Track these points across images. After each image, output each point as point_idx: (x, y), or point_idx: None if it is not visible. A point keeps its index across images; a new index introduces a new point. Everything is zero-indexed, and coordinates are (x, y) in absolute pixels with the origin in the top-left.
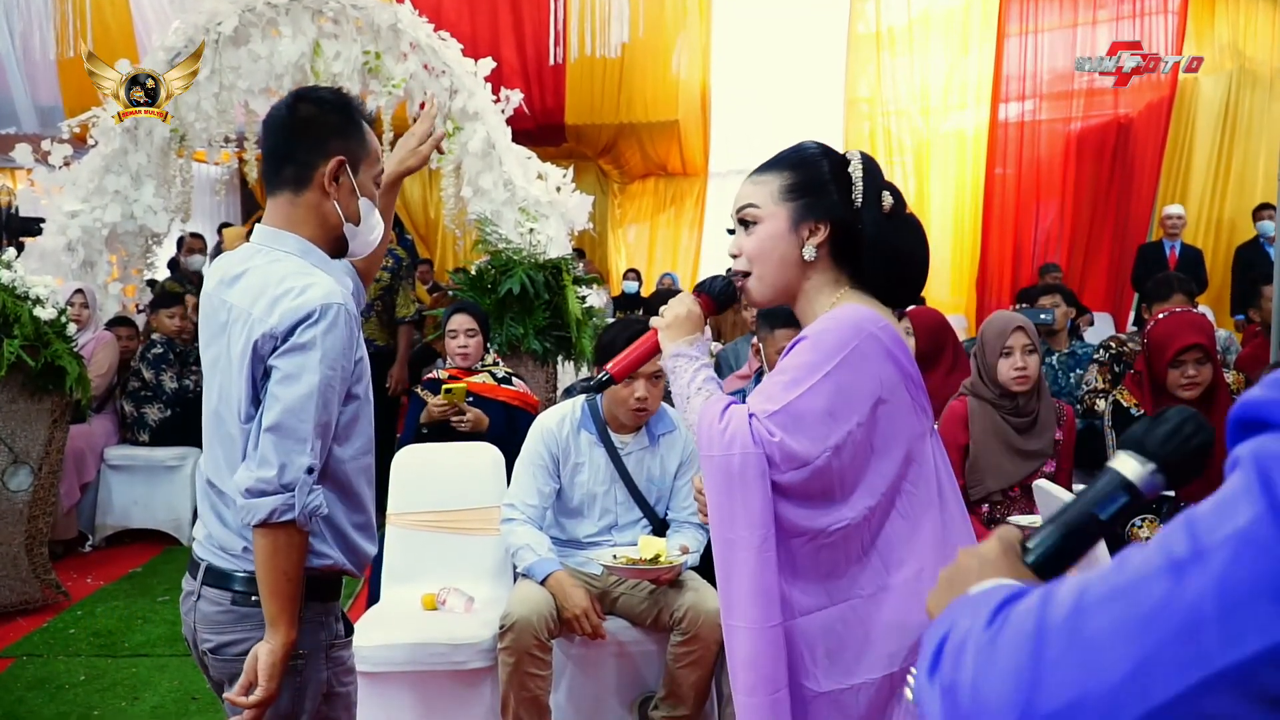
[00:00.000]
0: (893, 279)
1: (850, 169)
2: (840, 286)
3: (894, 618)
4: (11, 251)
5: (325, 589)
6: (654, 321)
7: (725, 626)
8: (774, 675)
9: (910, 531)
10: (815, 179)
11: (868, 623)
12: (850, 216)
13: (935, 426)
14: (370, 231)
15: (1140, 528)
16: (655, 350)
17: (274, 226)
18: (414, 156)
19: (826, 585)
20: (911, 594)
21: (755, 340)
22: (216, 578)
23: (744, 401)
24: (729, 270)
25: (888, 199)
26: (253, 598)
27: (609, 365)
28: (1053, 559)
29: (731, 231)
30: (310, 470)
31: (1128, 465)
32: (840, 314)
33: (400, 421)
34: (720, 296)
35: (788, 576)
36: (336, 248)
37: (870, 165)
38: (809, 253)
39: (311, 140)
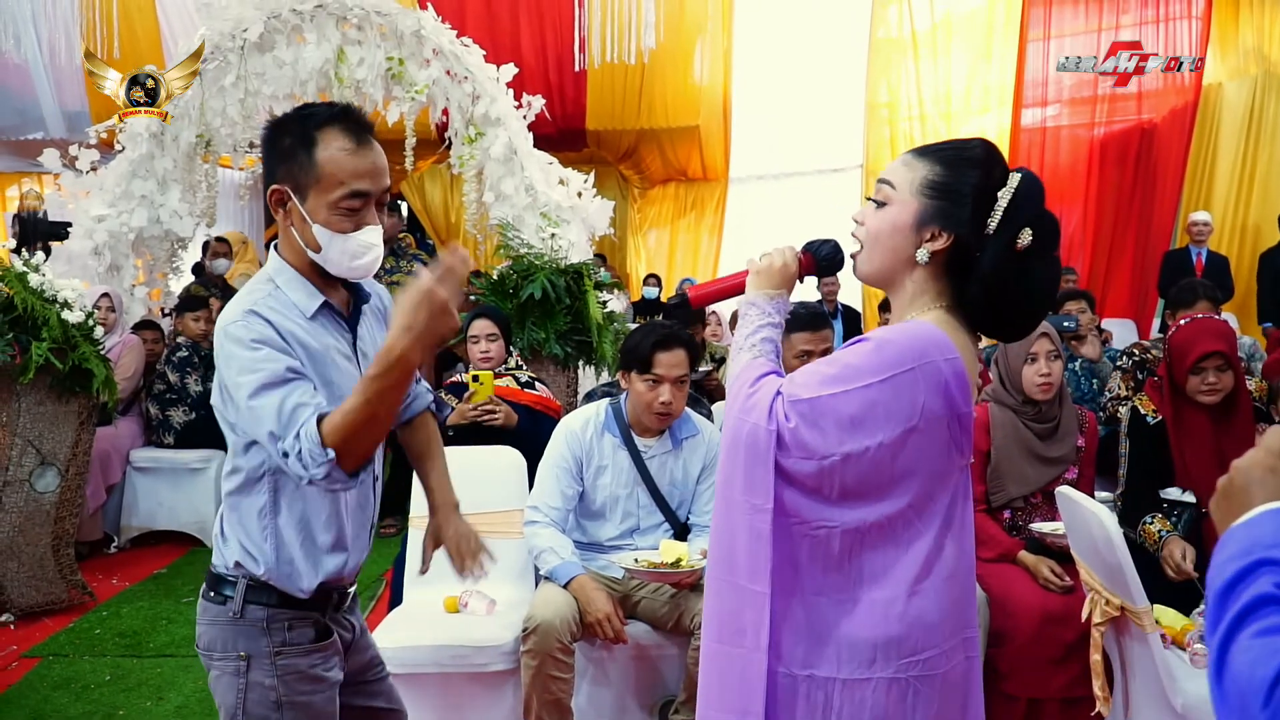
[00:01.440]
0: (992, 316)
1: (1000, 192)
2: (940, 300)
3: (855, 630)
4: (40, 255)
5: (271, 593)
6: (748, 262)
7: (711, 578)
8: (756, 634)
9: (897, 559)
10: (960, 185)
11: (821, 624)
12: (976, 239)
13: (970, 464)
14: (349, 258)
15: (1151, 524)
16: (739, 289)
17: (275, 247)
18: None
19: (805, 574)
20: (877, 615)
21: None
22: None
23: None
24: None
25: (1026, 237)
26: (210, 593)
27: (690, 288)
28: None
29: (869, 198)
30: (285, 454)
31: None
32: (916, 330)
33: None
34: (824, 260)
35: (777, 553)
36: (320, 271)
37: (1026, 194)
38: (922, 255)
39: (267, 166)
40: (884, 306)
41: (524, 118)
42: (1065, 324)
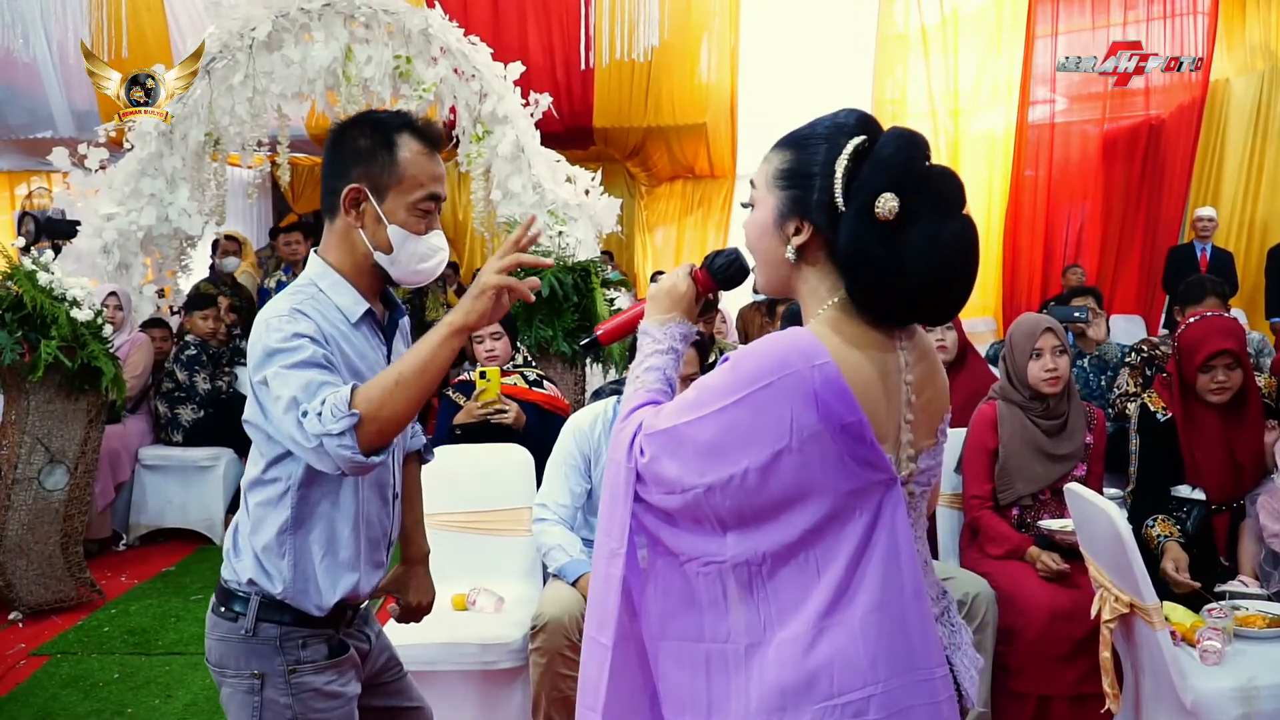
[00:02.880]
0: (887, 300)
1: (837, 160)
2: (834, 294)
3: (763, 676)
4: (49, 253)
5: (285, 611)
6: (648, 290)
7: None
8: (595, 691)
9: (806, 592)
10: (808, 167)
11: (717, 672)
12: (830, 221)
13: (900, 479)
14: (417, 260)
15: (1152, 527)
16: (639, 321)
17: (316, 251)
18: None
19: (692, 618)
20: (785, 655)
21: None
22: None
23: None
24: None
25: (886, 203)
26: (221, 608)
27: (599, 327)
28: None
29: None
30: (305, 414)
31: None
32: (777, 339)
33: (431, 424)
34: (719, 273)
35: (658, 597)
36: (376, 276)
37: (880, 156)
38: (789, 254)
39: (337, 167)
40: None
41: (531, 116)
42: (1075, 315)
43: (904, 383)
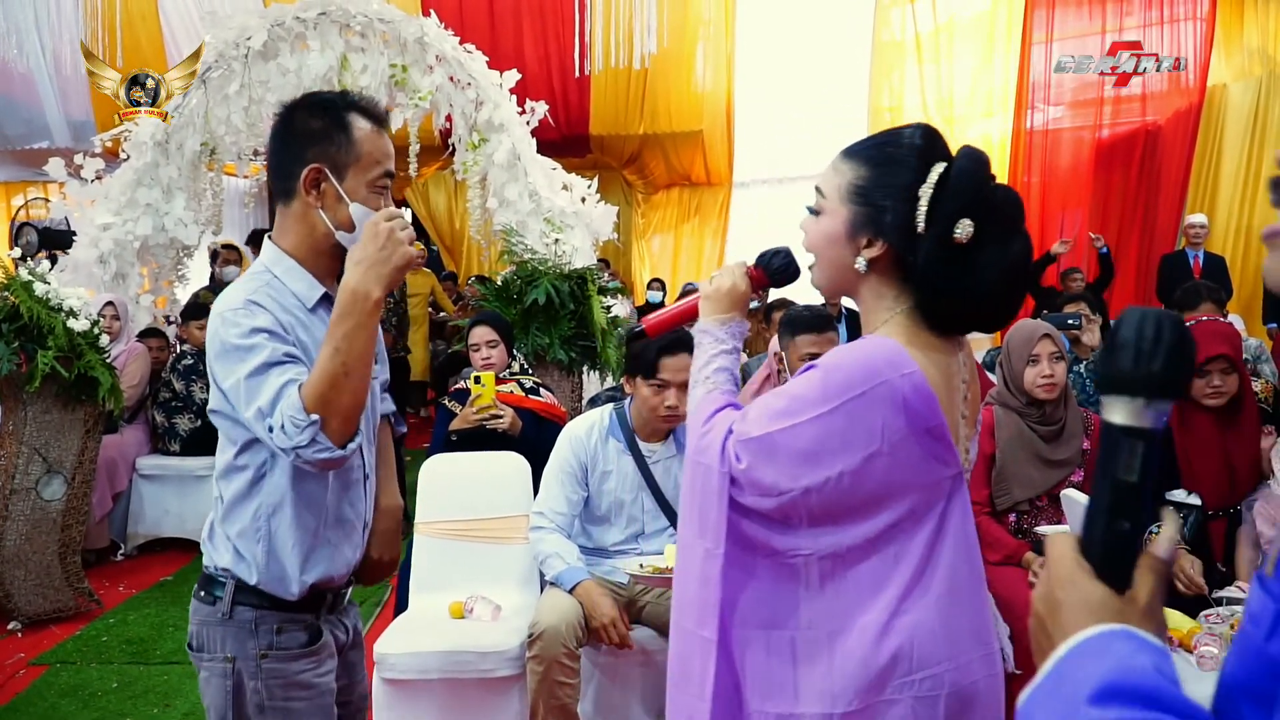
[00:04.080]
0: (951, 314)
1: (921, 188)
2: (899, 304)
3: (844, 660)
4: (45, 264)
5: (260, 595)
6: (700, 285)
7: (671, 618)
8: (701, 683)
9: (886, 578)
10: (885, 188)
11: (804, 657)
12: (908, 243)
13: (965, 475)
14: None
15: (1157, 534)
16: (691, 316)
17: (270, 238)
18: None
19: (775, 607)
20: (868, 638)
21: (776, 348)
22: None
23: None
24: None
25: (964, 228)
26: (201, 592)
27: (646, 319)
28: (1109, 541)
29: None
30: (271, 429)
31: (1120, 412)
32: (865, 349)
33: (428, 431)
34: (776, 273)
35: (754, 590)
36: (334, 256)
37: (956, 183)
38: (860, 265)
39: (292, 149)
40: None
41: (527, 123)
42: (1069, 321)
43: (961, 382)
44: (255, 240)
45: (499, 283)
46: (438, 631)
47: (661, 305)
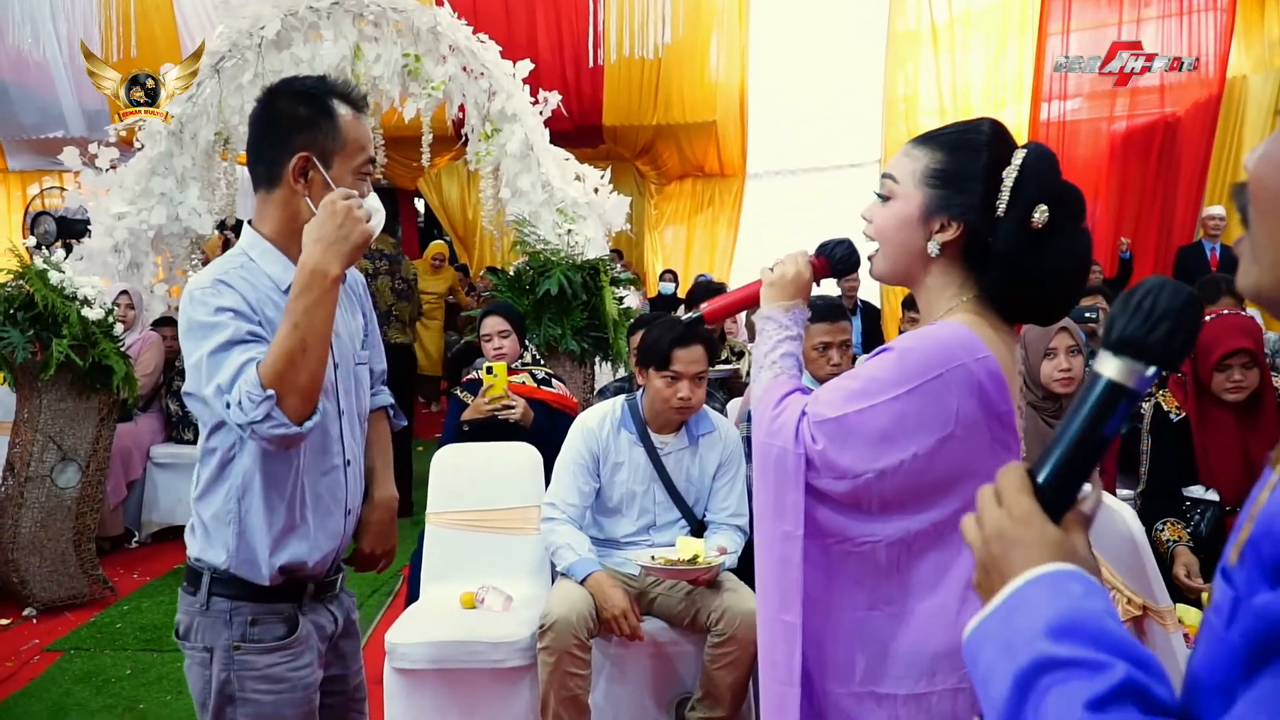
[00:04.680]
0: (1021, 301)
1: (1005, 171)
2: (964, 292)
3: (912, 642)
4: (60, 253)
5: (234, 584)
6: (761, 272)
7: (758, 613)
8: (789, 668)
9: (950, 564)
10: (964, 171)
11: (885, 638)
12: (987, 224)
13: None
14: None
15: (1161, 531)
16: (753, 301)
17: (250, 223)
18: None
19: (855, 591)
20: (934, 624)
21: None
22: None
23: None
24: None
25: (1041, 214)
26: (185, 583)
27: (704, 304)
28: (1062, 487)
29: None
30: (228, 405)
31: (1117, 369)
32: (940, 333)
33: (440, 422)
34: (839, 263)
35: (823, 575)
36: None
37: (1034, 170)
38: (933, 248)
39: (277, 137)
40: (908, 303)
41: (540, 114)
42: (1086, 314)
43: (1018, 371)
44: None
45: (511, 274)
46: (449, 622)
47: (674, 296)
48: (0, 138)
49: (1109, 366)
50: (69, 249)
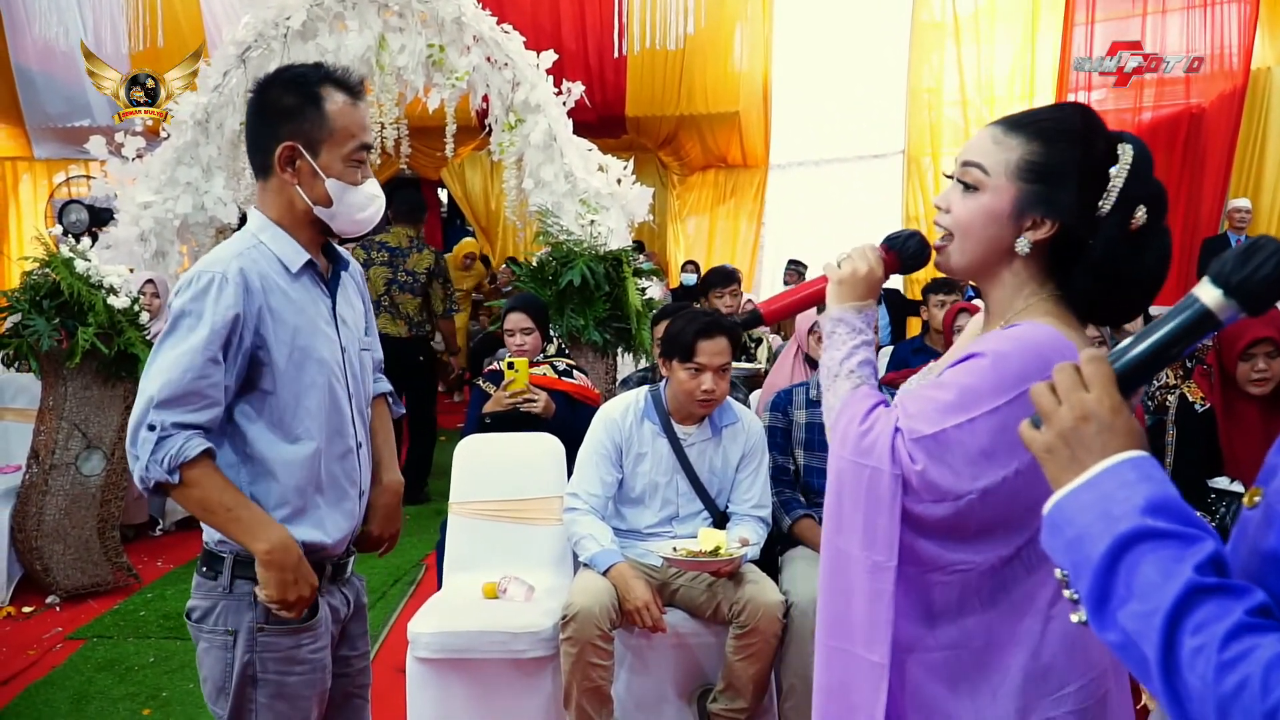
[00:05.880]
0: (1104, 302)
1: (1113, 169)
2: (1041, 289)
3: (998, 678)
4: (86, 241)
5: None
6: (826, 269)
7: (819, 642)
8: (871, 712)
9: (1036, 587)
10: (1063, 165)
11: (959, 677)
12: (1086, 224)
13: None
14: (355, 210)
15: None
16: (817, 300)
17: (255, 208)
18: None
19: (938, 625)
20: (1025, 649)
21: (806, 324)
22: None
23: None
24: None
25: (1140, 215)
26: (203, 568)
27: (762, 302)
28: (1135, 375)
29: (949, 176)
30: (152, 427)
31: (1212, 298)
32: (1032, 336)
33: (462, 412)
34: (910, 258)
35: (901, 607)
36: (316, 229)
37: (1139, 168)
38: (1022, 246)
39: (267, 126)
40: (931, 288)
41: (564, 104)
42: None
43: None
44: None
45: (534, 264)
46: (471, 612)
47: (696, 287)
48: (27, 126)
49: (1210, 295)
50: (95, 237)
